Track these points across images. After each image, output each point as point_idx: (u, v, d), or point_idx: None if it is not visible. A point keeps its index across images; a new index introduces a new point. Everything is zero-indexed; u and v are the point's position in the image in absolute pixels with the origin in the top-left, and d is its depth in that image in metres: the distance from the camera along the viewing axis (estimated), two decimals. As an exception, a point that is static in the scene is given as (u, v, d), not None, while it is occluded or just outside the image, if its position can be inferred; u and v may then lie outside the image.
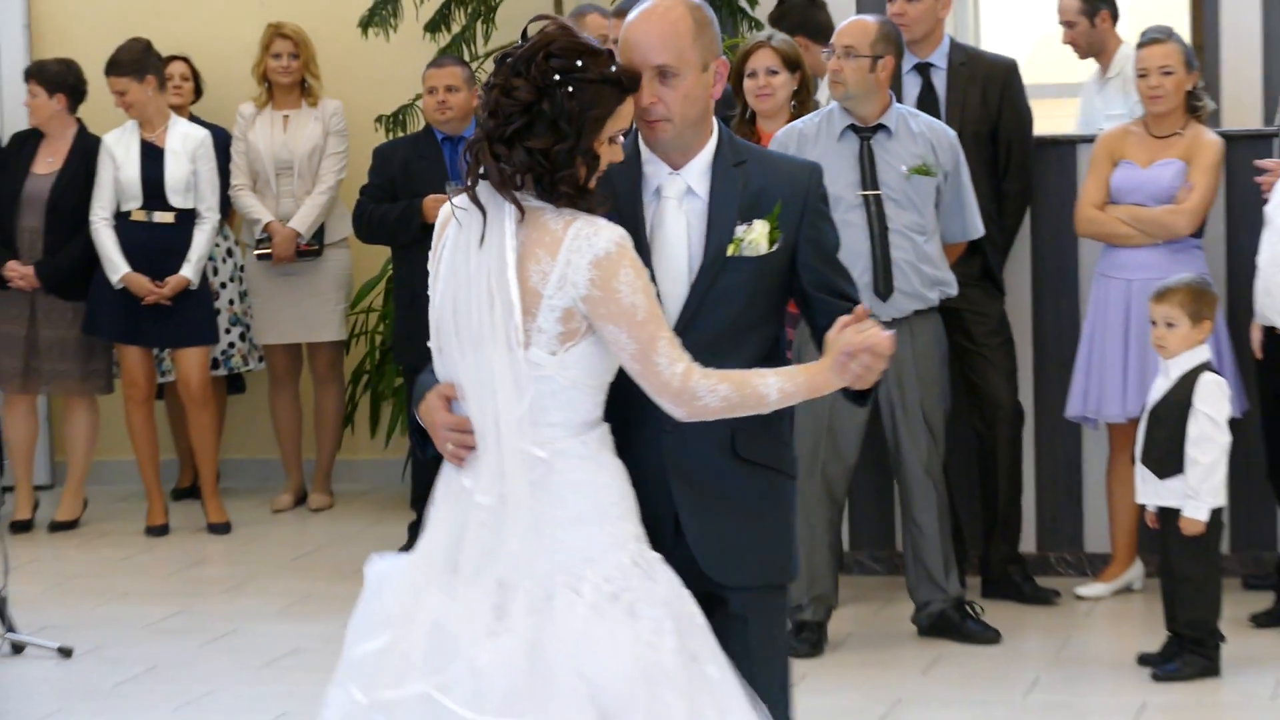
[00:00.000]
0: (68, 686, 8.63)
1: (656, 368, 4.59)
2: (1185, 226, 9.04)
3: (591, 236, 4.61)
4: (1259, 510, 9.24)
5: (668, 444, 4.88)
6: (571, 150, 4.61)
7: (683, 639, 4.70)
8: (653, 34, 4.83)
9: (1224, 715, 7.79)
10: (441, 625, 4.70)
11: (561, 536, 4.71)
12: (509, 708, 4.60)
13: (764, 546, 4.99)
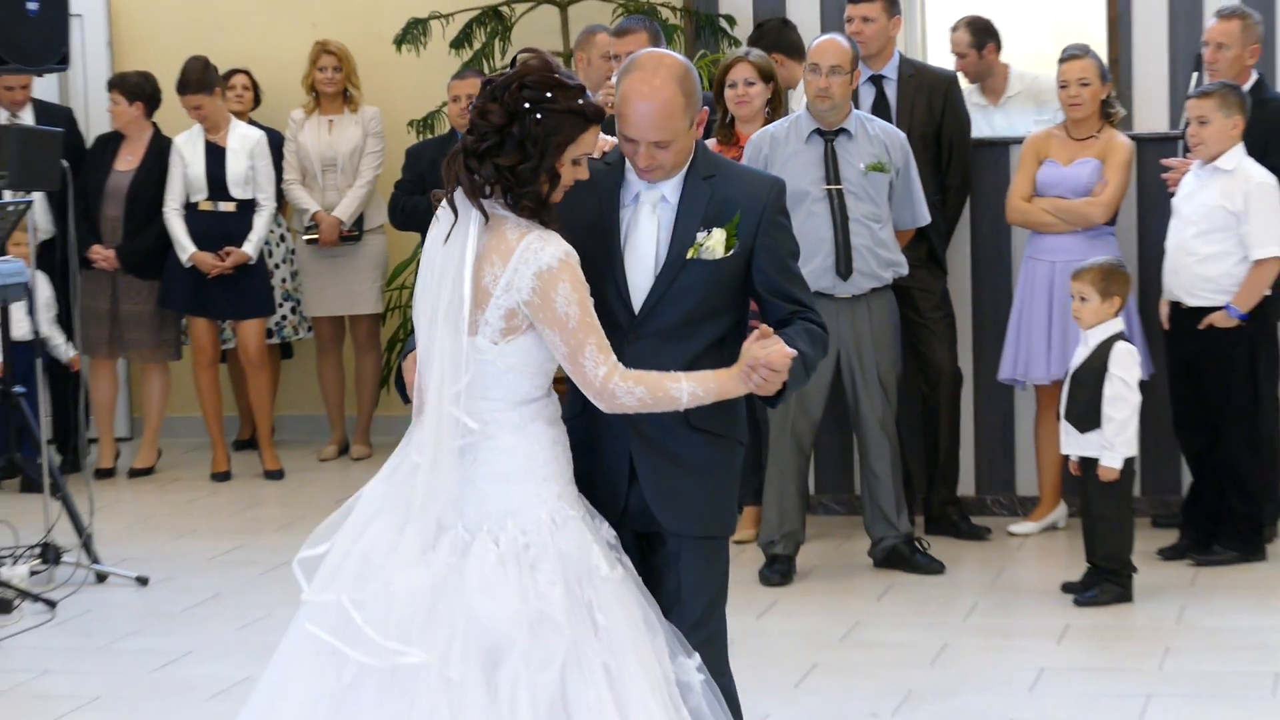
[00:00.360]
0: (144, 610, 8.64)
1: (583, 369, 4.68)
2: (1100, 216, 9.06)
3: (539, 250, 4.67)
4: (1165, 459, 9.23)
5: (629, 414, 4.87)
6: (535, 169, 4.67)
7: (578, 589, 4.74)
8: (650, 117, 4.83)
9: (1136, 635, 7.78)
10: (375, 548, 4.79)
11: (490, 491, 4.79)
12: (403, 634, 4.66)
13: (707, 501, 4.99)
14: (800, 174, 8.47)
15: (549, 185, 4.71)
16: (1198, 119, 8.62)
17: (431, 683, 4.67)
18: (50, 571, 9.05)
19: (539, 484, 4.83)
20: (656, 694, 4.72)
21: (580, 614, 4.73)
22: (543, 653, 4.68)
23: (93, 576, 9.07)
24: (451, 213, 4.75)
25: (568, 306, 4.66)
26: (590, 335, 4.66)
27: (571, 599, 4.73)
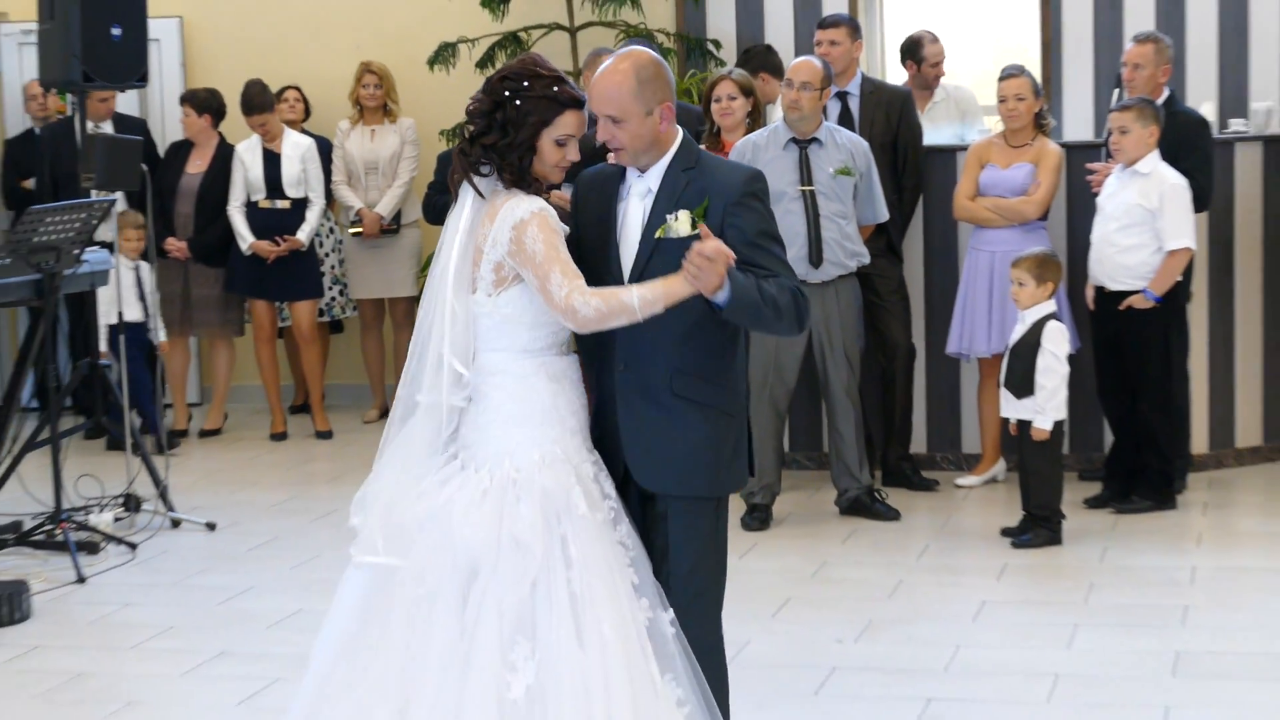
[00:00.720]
0: (212, 552, 8.64)
1: (550, 294, 4.65)
2: (1034, 213, 9.05)
3: (515, 208, 4.74)
4: (1090, 422, 9.22)
5: (619, 379, 4.86)
6: (510, 144, 4.73)
7: (555, 522, 4.73)
8: (602, 92, 4.83)
9: (1064, 573, 7.78)
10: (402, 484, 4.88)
11: (494, 433, 4.81)
12: (393, 548, 4.79)
13: (684, 463, 4.86)
14: (778, 176, 8.44)
15: (524, 160, 4.76)
16: (1119, 129, 8.61)
17: (408, 592, 4.76)
18: (131, 518, 9.07)
19: (535, 429, 4.81)
20: (618, 627, 4.67)
21: (554, 544, 4.72)
22: (513, 572, 4.68)
23: (168, 523, 9.07)
24: (455, 195, 4.87)
25: (535, 244, 4.68)
26: (554, 264, 4.66)
27: (548, 530, 4.72)
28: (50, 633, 7.40)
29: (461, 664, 4.70)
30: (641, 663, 4.69)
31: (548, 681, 4.65)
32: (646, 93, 4.83)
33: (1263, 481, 9.44)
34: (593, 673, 4.64)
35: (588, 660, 4.65)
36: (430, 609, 4.76)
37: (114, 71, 9.24)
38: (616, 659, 4.66)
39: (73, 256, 8.70)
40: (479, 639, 4.69)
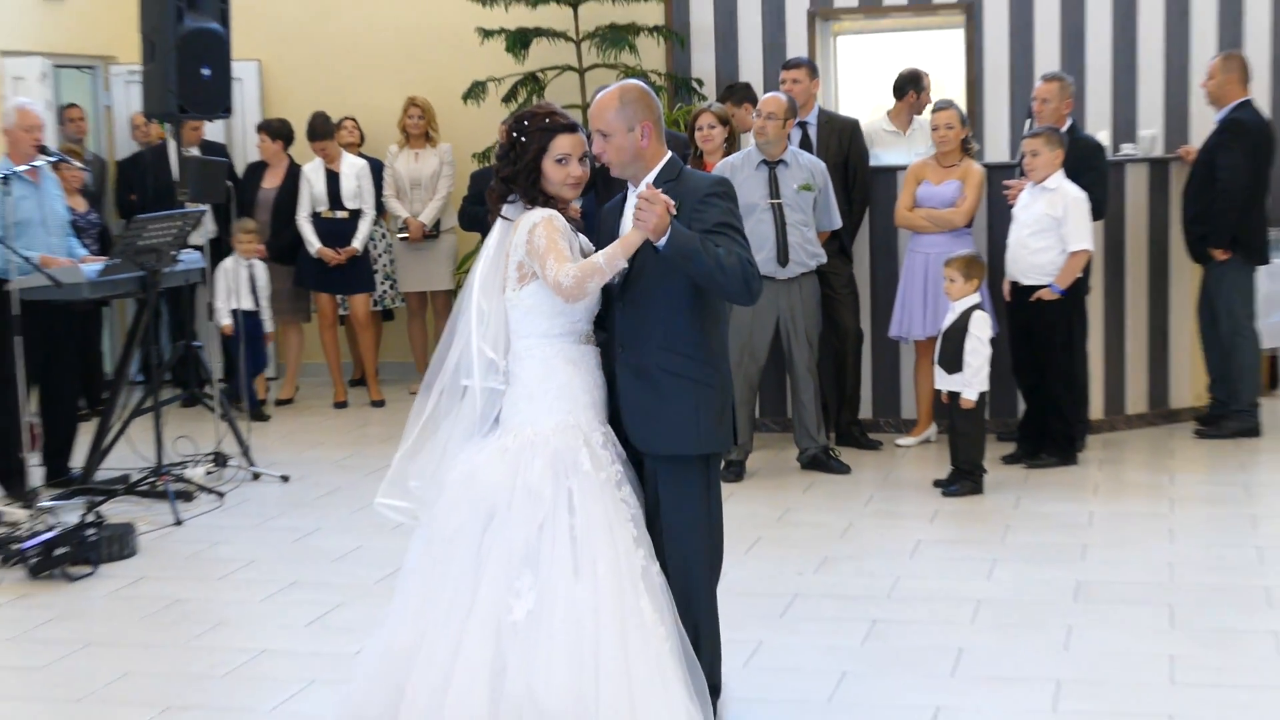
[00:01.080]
0: (286, 500, 8.63)
1: (546, 275, 4.74)
2: (961, 222, 9.04)
3: (531, 216, 4.88)
4: (1006, 392, 9.20)
5: (619, 359, 4.91)
6: (519, 170, 4.88)
7: (563, 477, 4.77)
8: (595, 111, 4.92)
9: (985, 517, 7.78)
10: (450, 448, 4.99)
11: (521, 405, 4.88)
12: (424, 497, 4.98)
13: (666, 425, 4.86)
14: (751, 191, 8.45)
15: (535, 179, 4.87)
16: (1030, 152, 8.62)
17: (435, 532, 4.89)
18: (220, 472, 9.06)
19: (553, 401, 4.85)
20: (611, 566, 4.70)
21: (561, 494, 4.76)
22: (524, 515, 4.75)
23: (249, 475, 9.07)
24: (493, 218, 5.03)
25: (539, 240, 4.78)
26: (550, 252, 4.76)
27: (556, 482, 4.76)
28: (153, 566, 7.40)
29: (471, 592, 4.74)
30: (633, 598, 4.69)
31: (545, 608, 4.67)
32: (628, 112, 4.87)
33: (1148, 442, 9.43)
34: (584, 602, 4.66)
35: (581, 591, 4.68)
36: (449, 547, 4.84)
37: (204, 105, 9.23)
38: (608, 592, 4.68)
39: (170, 257, 8.70)
40: (488, 570, 4.75)
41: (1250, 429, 9.41)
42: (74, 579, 7.16)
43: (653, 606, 4.70)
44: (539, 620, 4.66)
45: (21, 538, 7.41)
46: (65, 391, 8.94)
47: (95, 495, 8.39)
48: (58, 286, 8.10)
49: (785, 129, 8.61)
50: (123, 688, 5.80)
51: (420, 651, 4.74)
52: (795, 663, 5.81)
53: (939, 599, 6.54)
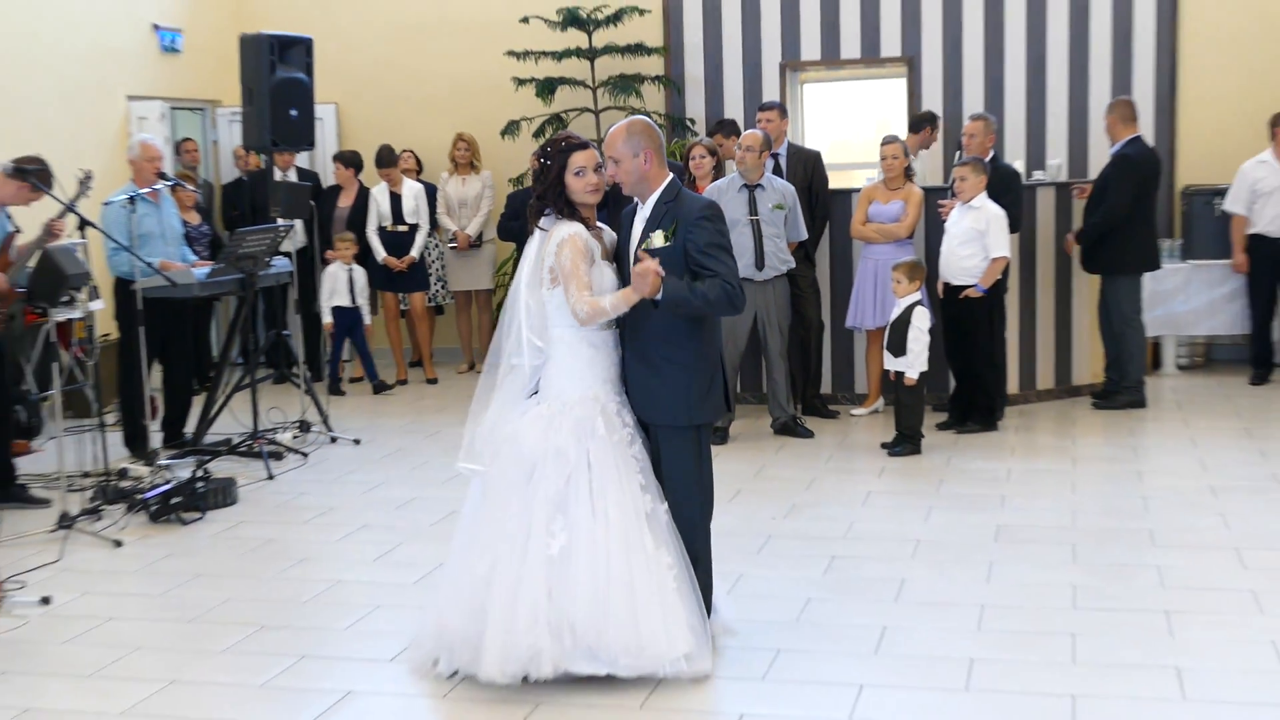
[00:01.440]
0: (358, 458, 8.59)
1: (569, 299, 4.82)
2: (904, 234, 9.00)
3: (561, 231, 4.94)
4: (940, 372, 9.16)
5: (628, 347, 4.97)
6: (548, 186, 4.93)
7: (584, 439, 4.84)
8: (607, 141, 4.95)
9: (923, 473, 7.75)
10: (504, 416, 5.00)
11: (554, 380, 4.94)
12: (482, 456, 4.97)
13: (666, 404, 4.91)
14: (734, 210, 8.40)
15: (561, 192, 4.91)
16: (959, 178, 8.59)
17: (495, 483, 4.93)
18: (304, 436, 9.03)
19: (578, 377, 4.92)
20: (620, 510, 4.79)
21: (582, 454, 4.82)
22: (555, 470, 4.81)
23: (328, 439, 9.03)
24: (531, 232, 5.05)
25: (564, 260, 4.82)
26: (572, 280, 4.83)
27: (578, 444, 4.83)
28: (250, 513, 7.39)
29: (525, 531, 4.81)
30: (637, 534, 4.77)
31: (572, 544, 4.77)
32: (634, 141, 4.91)
33: (1054, 411, 9.39)
34: (600, 539, 4.76)
35: (598, 530, 4.77)
36: (504, 494, 4.88)
37: (292, 139, 9.22)
38: (617, 531, 4.77)
39: (265, 263, 8.69)
40: (535, 514, 4.82)
41: (1138, 402, 9.38)
42: (186, 523, 7.16)
43: (655, 541, 4.79)
44: (568, 554, 4.76)
45: (144, 489, 7.43)
46: (180, 371, 8.95)
47: (203, 455, 8.40)
48: (173, 286, 8.10)
49: (761, 159, 8.57)
50: (225, 610, 5.80)
51: (494, 579, 4.80)
52: (769, 590, 5.80)
53: (885, 539, 6.51)
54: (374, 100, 12.46)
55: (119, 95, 11.23)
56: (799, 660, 5.02)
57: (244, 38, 9.07)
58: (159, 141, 9.09)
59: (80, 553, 6.67)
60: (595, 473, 4.82)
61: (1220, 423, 8.87)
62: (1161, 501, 7.01)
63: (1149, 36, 11.07)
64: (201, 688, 4.95)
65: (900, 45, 11.47)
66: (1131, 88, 11.00)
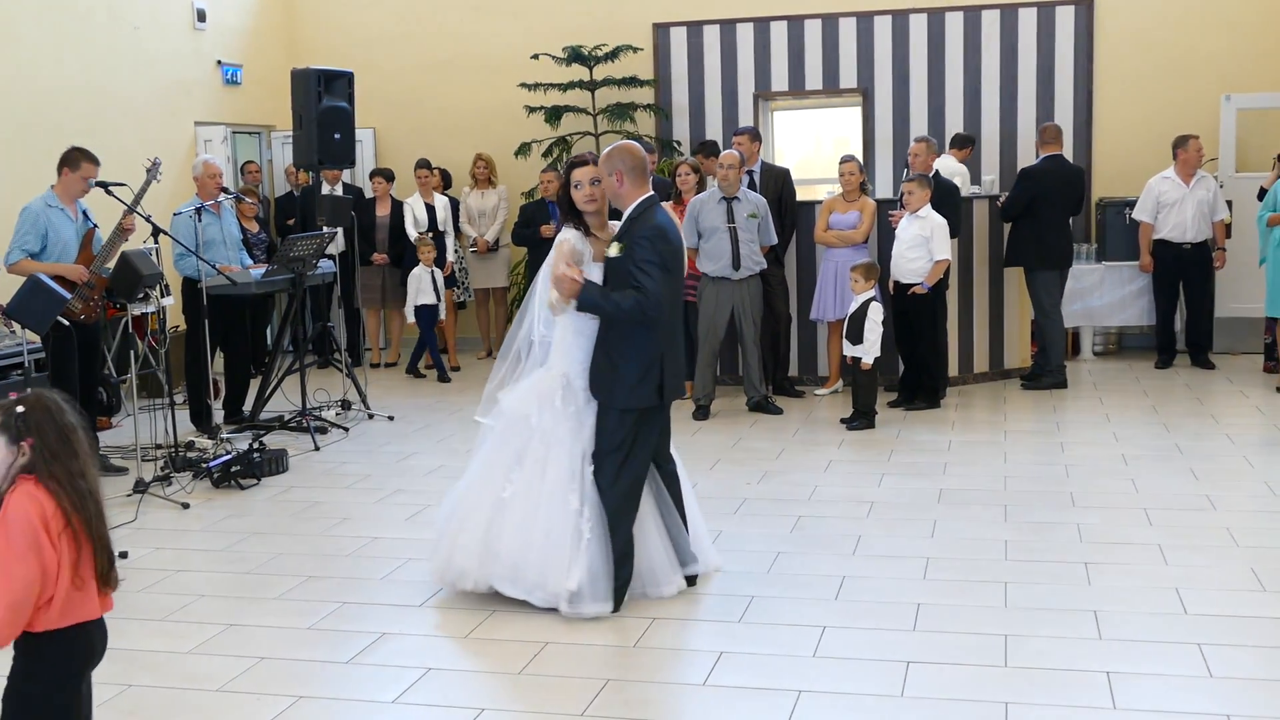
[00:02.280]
0: (392, 432, 8.52)
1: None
2: (860, 239, 8.93)
3: (561, 234, 4.99)
4: (891, 357, 9.11)
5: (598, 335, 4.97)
6: (562, 198, 5.03)
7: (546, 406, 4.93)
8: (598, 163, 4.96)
9: (877, 445, 7.71)
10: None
11: (550, 358, 5.01)
12: (483, 412, 5.17)
13: (602, 386, 4.89)
14: (715, 218, 8.36)
15: (568, 202, 4.97)
16: (907, 191, 8.53)
17: (486, 433, 5.14)
18: (345, 414, 8.96)
19: (558, 357, 4.97)
20: (557, 469, 4.89)
21: (544, 420, 4.93)
22: (520, 430, 4.97)
23: (366, 415, 8.95)
24: None
25: (553, 259, 4.91)
26: (550, 277, 4.89)
27: (540, 412, 4.94)
28: (299, 480, 7.32)
29: (489, 476, 5.06)
30: (562, 494, 4.87)
31: (518, 493, 4.95)
32: (609, 163, 4.92)
33: (989, 391, 9.34)
34: (535, 491, 4.92)
35: (534, 484, 4.93)
36: (494, 444, 5.08)
37: (336, 159, 9.15)
38: (549, 488, 4.90)
39: (312, 264, 8.61)
40: (499, 464, 5.03)
41: (1060, 383, 9.34)
42: (244, 488, 7.10)
43: (579, 500, 4.86)
44: (515, 499, 4.95)
45: (208, 459, 7.37)
46: (239, 358, 8.86)
47: (259, 430, 8.33)
48: (233, 285, 8.03)
49: (738, 175, 8.50)
50: (278, 563, 5.74)
51: (458, 509, 5.13)
52: (744, 546, 5.74)
53: (844, 501, 6.47)
54: (406, 125, 12.37)
55: (187, 121, 11.15)
56: (770, 605, 4.98)
57: (295, 72, 9.02)
58: (219, 160, 9.05)
59: (153, 514, 6.61)
60: (548, 437, 4.92)
61: (1131, 401, 8.83)
62: (1080, 469, 6.97)
63: (1069, 71, 11.05)
64: (256, 630, 4.90)
65: (856, 78, 11.41)
66: (1054, 115, 11.00)
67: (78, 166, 7.25)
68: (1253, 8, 10.80)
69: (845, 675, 4.29)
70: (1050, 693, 4.10)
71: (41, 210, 7.24)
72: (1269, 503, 6.21)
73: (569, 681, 4.32)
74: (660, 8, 11.76)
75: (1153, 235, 10.12)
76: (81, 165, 7.25)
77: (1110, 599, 4.92)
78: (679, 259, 4.95)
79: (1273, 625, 4.61)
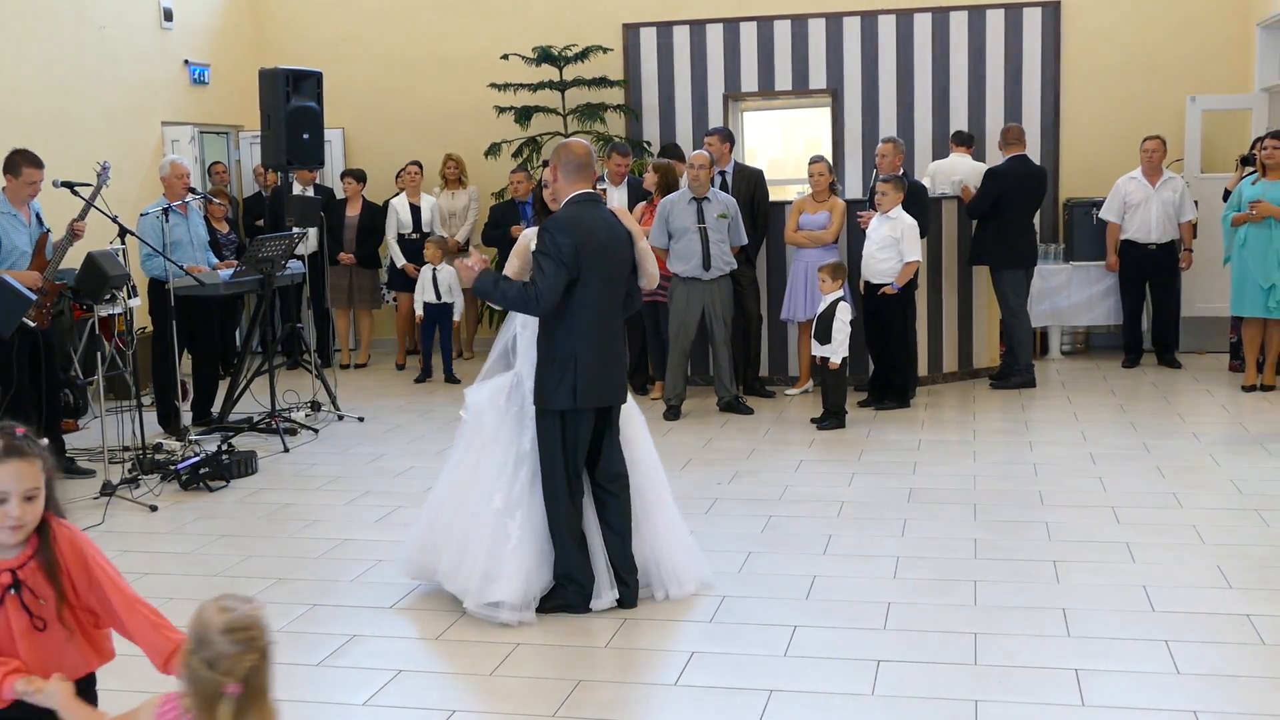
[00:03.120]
0: (362, 433, 8.48)
1: None
2: (829, 240, 8.94)
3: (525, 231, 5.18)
4: (862, 357, 9.15)
5: None
6: (537, 202, 5.20)
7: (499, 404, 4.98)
8: None
9: (847, 444, 7.71)
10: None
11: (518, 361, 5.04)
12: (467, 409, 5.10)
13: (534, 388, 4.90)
14: (685, 218, 8.37)
15: (541, 201, 5.16)
16: (880, 192, 8.57)
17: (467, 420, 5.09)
18: (315, 415, 8.91)
19: (522, 358, 5.02)
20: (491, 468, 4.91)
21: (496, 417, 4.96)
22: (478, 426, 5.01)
23: (336, 417, 8.90)
24: None
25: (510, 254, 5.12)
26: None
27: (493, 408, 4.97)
28: (268, 481, 7.28)
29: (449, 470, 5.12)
30: (488, 492, 4.89)
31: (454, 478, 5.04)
32: (552, 160, 4.99)
33: (958, 390, 9.39)
34: (466, 488, 4.96)
35: (467, 481, 4.98)
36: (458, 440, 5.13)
37: (304, 159, 9.10)
38: (481, 486, 4.91)
39: (281, 265, 8.56)
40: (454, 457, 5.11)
41: (1028, 382, 9.39)
42: (213, 490, 7.05)
43: (504, 501, 4.86)
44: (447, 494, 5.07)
45: (176, 461, 7.31)
46: (207, 359, 8.80)
47: (227, 431, 8.28)
48: (201, 286, 7.97)
49: (709, 175, 8.51)
50: (248, 566, 5.71)
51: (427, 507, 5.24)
52: (717, 545, 5.74)
53: (814, 500, 6.48)
54: (376, 125, 12.32)
55: (154, 121, 11.06)
56: (742, 605, 4.98)
57: (263, 71, 8.96)
58: (187, 161, 8.98)
59: (120, 516, 6.56)
60: (486, 435, 4.93)
61: (1098, 400, 8.90)
62: (1049, 467, 7.02)
63: (1036, 72, 11.12)
64: (226, 633, 4.86)
65: (825, 78, 11.44)
66: (1021, 116, 11.06)
67: (19, 172, 7.09)
68: (1218, 9, 10.90)
69: (816, 674, 4.31)
70: (1020, 690, 4.12)
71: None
72: (1235, 500, 6.27)
73: (540, 683, 4.32)
74: (630, 8, 11.76)
75: (1119, 235, 10.20)
76: (23, 170, 7.09)
77: (1078, 597, 4.95)
78: (591, 254, 4.79)
79: (1239, 622, 4.66)
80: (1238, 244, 9.10)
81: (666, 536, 5.07)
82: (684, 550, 5.11)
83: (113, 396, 8.96)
